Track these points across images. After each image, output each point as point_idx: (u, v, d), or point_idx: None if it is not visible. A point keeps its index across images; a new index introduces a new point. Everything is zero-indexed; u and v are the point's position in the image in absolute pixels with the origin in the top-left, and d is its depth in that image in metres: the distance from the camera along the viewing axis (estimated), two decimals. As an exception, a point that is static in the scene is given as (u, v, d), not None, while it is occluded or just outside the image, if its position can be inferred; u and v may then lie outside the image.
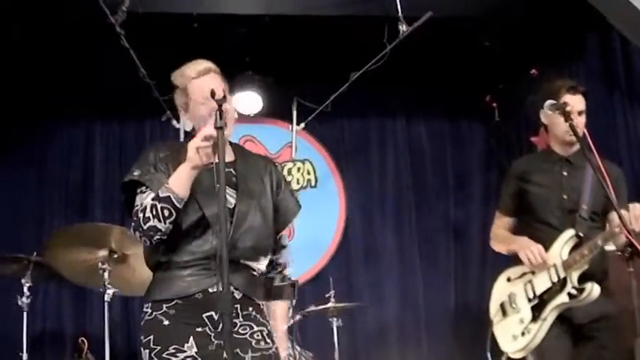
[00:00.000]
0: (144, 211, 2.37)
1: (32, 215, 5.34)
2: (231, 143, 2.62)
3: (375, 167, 5.91)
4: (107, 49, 4.44)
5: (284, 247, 2.69)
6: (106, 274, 4.00)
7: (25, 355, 4.03)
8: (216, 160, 2.25)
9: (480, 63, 5.47)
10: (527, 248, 3.32)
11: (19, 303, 4.04)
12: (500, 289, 3.53)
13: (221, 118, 2.27)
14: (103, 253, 4.03)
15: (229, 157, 2.56)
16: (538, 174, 3.45)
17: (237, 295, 2.44)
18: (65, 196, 5.45)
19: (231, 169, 2.53)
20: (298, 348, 4.20)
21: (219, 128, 2.27)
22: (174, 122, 5.20)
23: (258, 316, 2.49)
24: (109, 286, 4.01)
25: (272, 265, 2.65)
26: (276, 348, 2.49)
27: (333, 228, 5.73)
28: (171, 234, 2.41)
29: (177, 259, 2.42)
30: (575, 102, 3.34)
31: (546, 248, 3.32)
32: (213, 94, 2.30)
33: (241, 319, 2.44)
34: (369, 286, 5.63)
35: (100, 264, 4.01)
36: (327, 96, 5.04)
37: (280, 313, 2.68)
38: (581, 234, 3.27)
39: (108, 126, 5.58)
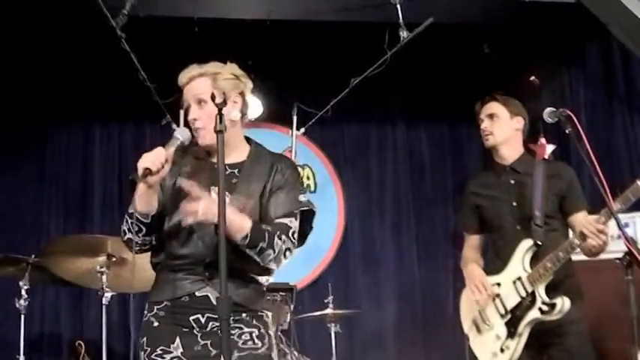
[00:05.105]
0: (123, 224, 2.43)
1: (31, 218, 5.33)
2: (248, 141, 2.58)
3: (375, 173, 5.90)
4: (107, 52, 4.44)
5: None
6: (104, 278, 4.00)
7: (22, 358, 4.03)
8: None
9: (480, 70, 5.47)
10: (472, 282, 3.44)
11: (17, 305, 4.04)
12: (468, 303, 3.57)
13: (221, 122, 2.27)
14: (101, 258, 4.02)
15: (239, 157, 2.53)
16: (487, 188, 3.54)
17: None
18: (64, 198, 5.44)
19: (234, 170, 2.49)
20: (296, 353, 4.19)
21: (220, 132, 2.27)
22: (174, 126, 5.18)
23: (251, 320, 2.45)
24: (107, 289, 4.01)
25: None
26: (267, 349, 2.44)
27: (331, 234, 5.72)
28: (163, 238, 2.43)
29: (169, 262, 2.44)
30: (485, 108, 3.54)
31: (505, 259, 3.38)
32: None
33: (231, 322, 2.34)
34: (367, 292, 5.62)
35: (98, 267, 4.01)
36: (327, 101, 5.02)
37: None
38: (539, 242, 3.31)
39: (107, 129, 5.57)
